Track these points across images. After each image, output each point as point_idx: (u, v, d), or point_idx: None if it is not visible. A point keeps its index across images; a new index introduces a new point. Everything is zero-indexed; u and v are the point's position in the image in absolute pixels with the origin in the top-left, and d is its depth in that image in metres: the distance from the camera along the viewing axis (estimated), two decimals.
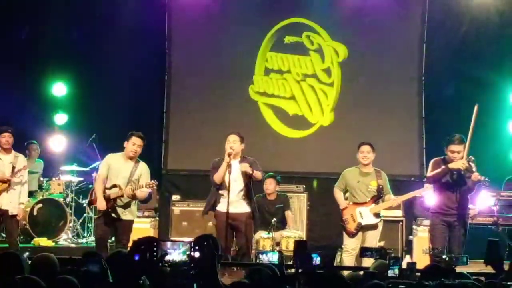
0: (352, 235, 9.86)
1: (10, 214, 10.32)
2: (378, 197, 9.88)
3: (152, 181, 9.60)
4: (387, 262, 5.96)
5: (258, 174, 9.52)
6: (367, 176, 9.98)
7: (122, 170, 9.62)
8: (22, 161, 10.52)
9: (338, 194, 10.15)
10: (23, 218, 10.98)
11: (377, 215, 9.86)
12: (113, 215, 9.57)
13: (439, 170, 9.26)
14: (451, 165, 9.17)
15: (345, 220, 9.90)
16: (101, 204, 9.57)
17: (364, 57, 13.60)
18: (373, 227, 9.86)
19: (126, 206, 9.61)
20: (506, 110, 13.09)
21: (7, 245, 10.42)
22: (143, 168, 9.72)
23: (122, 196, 9.52)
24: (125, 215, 9.61)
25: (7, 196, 10.32)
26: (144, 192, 9.64)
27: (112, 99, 13.32)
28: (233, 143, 9.50)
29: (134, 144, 9.58)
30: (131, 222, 9.70)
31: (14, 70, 13.09)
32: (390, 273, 5.67)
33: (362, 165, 10.00)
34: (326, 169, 13.00)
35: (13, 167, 10.35)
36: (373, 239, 9.79)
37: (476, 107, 9.24)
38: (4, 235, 11.02)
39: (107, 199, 9.54)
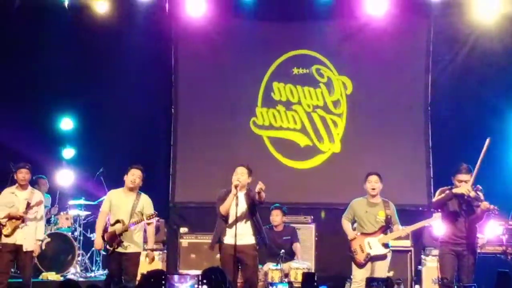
0: (361, 265, 9.82)
1: (24, 250, 10.33)
2: (386, 227, 9.87)
3: (152, 212, 9.69)
4: None
5: (263, 195, 9.41)
6: (375, 206, 9.98)
7: (124, 204, 9.74)
8: (37, 196, 10.58)
9: (346, 225, 10.13)
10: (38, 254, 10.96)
11: (386, 245, 9.84)
12: (119, 249, 9.65)
13: (443, 195, 9.27)
14: (455, 190, 9.18)
15: (354, 250, 9.87)
16: (98, 243, 9.86)
17: (369, 88, 13.63)
18: (382, 257, 9.83)
19: (131, 239, 9.69)
20: None
21: (20, 280, 10.43)
22: (145, 200, 9.84)
23: (126, 230, 9.59)
24: (130, 247, 9.68)
25: (21, 232, 10.34)
26: (151, 228, 9.76)
27: (119, 133, 13.39)
28: (240, 175, 9.51)
29: (133, 175, 9.75)
30: (137, 254, 9.74)
31: (22, 105, 13.16)
32: None
33: (370, 196, 10.00)
34: (334, 199, 12.97)
35: (28, 203, 10.38)
36: (382, 270, 9.76)
37: (488, 140, 9.20)
38: (18, 270, 11.01)
39: (113, 235, 9.61)
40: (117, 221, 9.66)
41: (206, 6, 13.60)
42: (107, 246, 9.72)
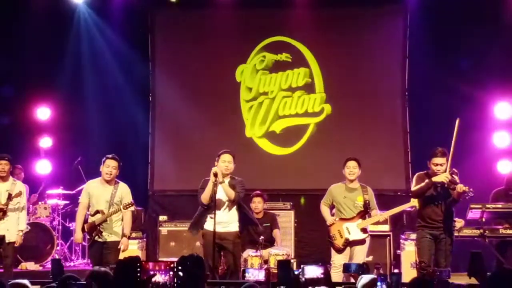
0: (339, 251, 9.87)
1: (7, 241, 10.33)
2: (365, 213, 9.91)
3: (129, 201, 9.69)
4: (376, 277, 5.97)
5: (231, 192, 9.46)
6: (354, 191, 10.01)
7: (102, 195, 9.73)
8: (18, 187, 10.52)
9: (325, 210, 10.16)
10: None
11: (364, 230, 9.88)
12: (99, 239, 9.67)
13: (423, 184, 9.31)
14: (434, 179, 9.24)
15: (333, 236, 9.91)
16: (78, 237, 9.98)
17: (347, 75, 13.68)
18: (361, 242, 9.87)
19: (111, 228, 9.70)
20: (490, 122, 13.18)
21: (1, 270, 10.44)
22: (123, 189, 9.83)
23: (106, 220, 9.61)
24: (111, 237, 9.69)
25: (3, 223, 10.33)
26: (128, 216, 9.75)
27: (96, 121, 13.38)
28: (228, 162, 9.55)
29: (108, 166, 9.69)
30: (116, 243, 9.70)
31: None
32: None
33: (348, 181, 10.04)
34: (313, 185, 13.01)
35: (10, 194, 10.34)
36: (360, 255, 9.82)
37: (457, 121, 9.31)
38: None
39: (92, 226, 9.62)
40: (97, 212, 9.66)
41: None
42: (88, 237, 9.73)
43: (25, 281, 5.87)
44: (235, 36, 13.87)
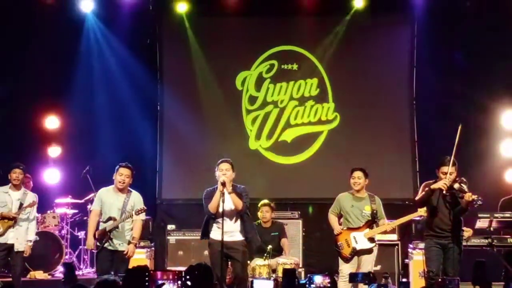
0: (347, 260, 9.83)
1: (16, 250, 10.38)
2: (372, 222, 9.87)
3: (141, 207, 9.65)
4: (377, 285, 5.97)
5: (239, 203, 9.45)
6: (361, 201, 9.97)
7: (115, 203, 9.66)
8: (30, 197, 10.59)
9: (333, 219, 10.13)
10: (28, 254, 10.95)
11: (371, 239, 9.84)
12: (110, 247, 9.59)
13: (423, 193, 9.33)
14: (433, 186, 9.25)
15: (340, 245, 9.88)
16: (89, 243, 9.85)
17: (354, 84, 13.69)
18: (368, 251, 9.83)
19: (122, 237, 9.63)
20: (498, 131, 13.17)
21: (10, 279, 10.45)
22: (135, 197, 9.76)
23: (117, 227, 9.56)
24: (122, 246, 9.61)
25: (13, 232, 10.39)
26: (138, 224, 9.72)
27: (105, 130, 13.39)
28: (226, 171, 9.48)
29: (121, 174, 9.63)
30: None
31: (6, 103, 13.10)
32: None
33: (355, 190, 10.02)
34: (321, 194, 13.01)
35: (21, 204, 10.42)
36: (368, 264, 9.77)
37: (459, 127, 9.31)
38: (5, 270, 11.03)
39: (104, 232, 9.57)
40: (109, 218, 9.58)
41: (190, 3, 13.60)
42: (97, 243, 9.69)
43: None
44: (243, 45, 13.90)
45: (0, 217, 10.35)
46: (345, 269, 9.77)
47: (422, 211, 9.85)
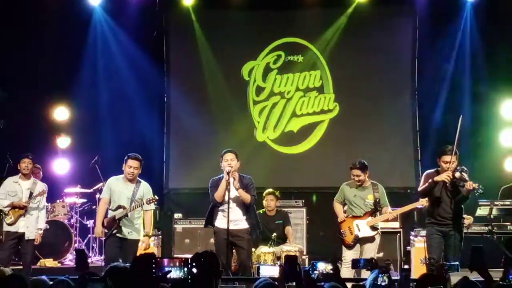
0: (349, 247, 9.90)
1: (26, 238, 10.41)
2: (375, 210, 9.92)
3: (152, 196, 9.65)
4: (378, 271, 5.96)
5: (247, 196, 9.51)
6: (364, 190, 10.01)
7: (124, 192, 9.65)
8: (40, 186, 10.61)
9: (337, 207, 10.18)
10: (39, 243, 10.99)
11: (373, 227, 9.89)
12: (119, 235, 9.58)
13: (426, 184, 9.33)
14: (436, 178, 9.24)
15: (343, 232, 9.95)
16: (98, 230, 9.80)
17: (357, 75, 13.68)
18: (370, 239, 9.88)
19: (131, 225, 9.62)
20: (498, 121, 13.16)
21: (20, 267, 10.50)
22: (144, 187, 9.74)
23: (126, 215, 9.57)
24: (131, 234, 9.60)
25: (24, 221, 10.41)
26: (149, 215, 9.74)
27: (113, 121, 13.41)
28: (231, 161, 9.50)
29: (130, 167, 9.59)
30: (137, 241, 9.67)
31: (17, 95, 13.12)
32: (380, 281, 5.66)
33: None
34: (324, 183, 13.05)
35: (31, 193, 10.44)
36: (371, 251, 9.80)
37: (460, 118, 9.32)
38: (16, 258, 11.07)
39: (112, 220, 9.58)
40: (119, 207, 9.58)
41: None
42: (106, 231, 9.70)
43: (44, 278, 5.90)
44: (249, 37, 13.91)
45: (11, 207, 10.37)
46: (348, 255, 9.82)
47: (423, 201, 9.90)
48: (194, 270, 5.06)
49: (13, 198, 10.41)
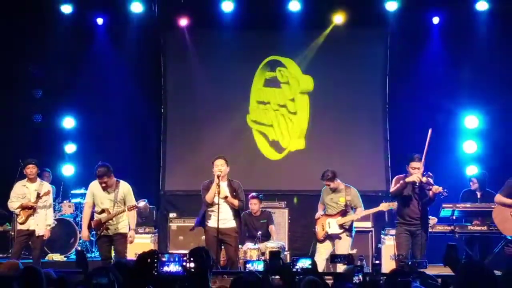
0: (320, 241, 10.32)
1: (37, 235, 10.49)
2: (345, 211, 10.22)
3: (133, 204, 9.65)
4: (353, 266, 6.08)
5: (235, 203, 9.66)
6: (338, 193, 10.29)
7: (105, 195, 9.68)
8: (46, 187, 10.70)
9: (319, 207, 10.58)
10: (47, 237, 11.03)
11: (341, 226, 10.18)
12: (108, 233, 9.67)
13: (398, 185, 9.46)
14: (407, 179, 9.39)
15: (316, 228, 10.38)
16: (84, 234, 9.90)
17: (333, 88, 13.72)
18: (339, 236, 10.17)
19: (117, 223, 9.68)
20: (461, 132, 13.31)
21: (30, 260, 10.53)
22: (124, 187, 9.74)
23: (111, 219, 9.60)
24: (117, 230, 9.67)
25: (34, 219, 10.50)
26: (132, 212, 9.74)
27: (115, 130, 13.41)
28: (221, 166, 9.62)
29: (101, 183, 9.62)
30: (125, 235, 9.70)
31: (31, 107, 13.14)
32: (355, 279, 5.78)
33: None
34: (304, 187, 13.11)
35: (38, 194, 10.50)
36: (343, 248, 10.06)
37: (430, 131, 9.47)
38: (27, 253, 11.12)
39: (99, 223, 9.61)
40: (103, 211, 9.60)
41: (191, 17, 13.62)
42: (97, 232, 9.72)
43: (50, 270, 5.95)
44: (237, 54, 13.87)
45: (21, 208, 10.46)
46: (320, 247, 10.31)
47: (384, 205, 10.29)
48: (192, 264, 5.14)
49: (23, 200, 10.50)
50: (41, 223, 10.53)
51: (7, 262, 6.74)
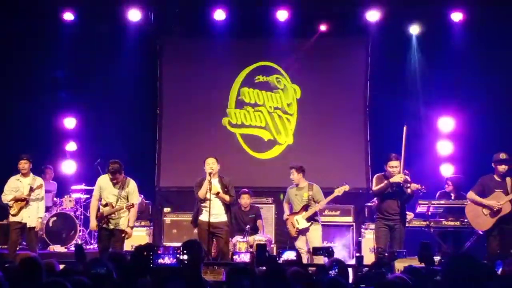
0: (294, 238, 10.45)
1: (28, 226, 10.41)
2: (307, 206, 10.38)
3: (132, 203, 9.59)
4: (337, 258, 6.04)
5: (226, 198, 9.67)
6: (302, 190, 10.51)
7: (111, 190, 9.64)
8: (38, 181, 10.63)
9: (285, 207, 10.82)
10: (41, 229, 10.95)
11: (308, 219, 10.35)
12: (109, 226, 9.62)
13: (382, 185, 9.45)
14: (392, 180, 9.38)
15: (288, 228, 10.57)
16: (93, 225, 9.81)
17: (318, 93, 13.71)
18: (308, 229, 10.32)
19: (118, 218, 9.63)
20: (435, 134, 13.32)
21: (28, 252, 10.44)
22: (130, 185, 9.71)
23: (113, 213, 9.55)
24: (117, 226, 9.62)
25: (26, 211, 10.44)
26: (133, 211, 9.68)
27: (113, 130, 13.33)
28: (212, 164, 9.64)
29: (113, 178, 9.59)
30: (123, 231, 9.66)
31: (36, 108, 13.07)
32: (332, 273, 5.67)
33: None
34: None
35: (31, 187, 10.43)
36: (315, 240, 10.26)
37: (405, 128, 9.50)
38: (24, 243, 11.02)
39: (102, 216, 9.57)
40: (107, 204, 9.59)
41: (185, 25, 13.57)
42: (99, 223, 9.67)
43: (53, 261, 5.91)
44: (228, 60, 13.80)
45: (14, 200, 10.40)
46: (297, 243, 10.43)
47: (337, 192, 10.29)
48: (185, 256, 5.10)
49: (16, 193, 10.46)
50: (33, 215, 10.47)
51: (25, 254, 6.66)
